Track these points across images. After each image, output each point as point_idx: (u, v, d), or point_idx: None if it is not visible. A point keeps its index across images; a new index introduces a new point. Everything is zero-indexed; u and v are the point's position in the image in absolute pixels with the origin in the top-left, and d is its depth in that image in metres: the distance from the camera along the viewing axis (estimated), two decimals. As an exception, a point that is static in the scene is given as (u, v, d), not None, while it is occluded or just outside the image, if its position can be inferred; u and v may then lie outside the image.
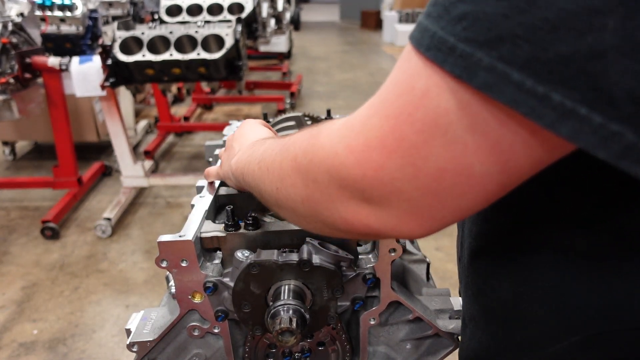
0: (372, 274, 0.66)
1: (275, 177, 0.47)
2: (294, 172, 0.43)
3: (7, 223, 2.90)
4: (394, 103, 0.35)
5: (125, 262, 2.52)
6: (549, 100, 0.28)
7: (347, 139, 0.37)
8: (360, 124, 0.37)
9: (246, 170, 0.56)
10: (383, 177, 0.35)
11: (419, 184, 0.34)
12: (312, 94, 5.60)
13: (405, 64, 0.35)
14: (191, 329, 0.69)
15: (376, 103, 0.37)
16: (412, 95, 0.33)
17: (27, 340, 2.01)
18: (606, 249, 0.41)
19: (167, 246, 0.63)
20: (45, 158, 3.74)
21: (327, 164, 0.39)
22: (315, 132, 0.42)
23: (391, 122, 0.34)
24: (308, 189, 0.42)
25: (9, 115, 2.41)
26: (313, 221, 0.44)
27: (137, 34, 2.40)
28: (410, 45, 0.35)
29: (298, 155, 0.43)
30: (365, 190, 0.37)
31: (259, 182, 0.51)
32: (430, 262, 0.85)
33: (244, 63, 2.52)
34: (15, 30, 2.46)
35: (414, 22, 9.15)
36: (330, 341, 0.73)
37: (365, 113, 0.37)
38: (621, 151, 0.28)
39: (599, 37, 0.26)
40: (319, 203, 0.41)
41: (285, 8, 4.59)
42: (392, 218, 0.37)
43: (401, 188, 0.35)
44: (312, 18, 12.92)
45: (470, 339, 0.59)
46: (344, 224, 0.40)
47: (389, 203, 0.36)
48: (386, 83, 0.37)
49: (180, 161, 3.83)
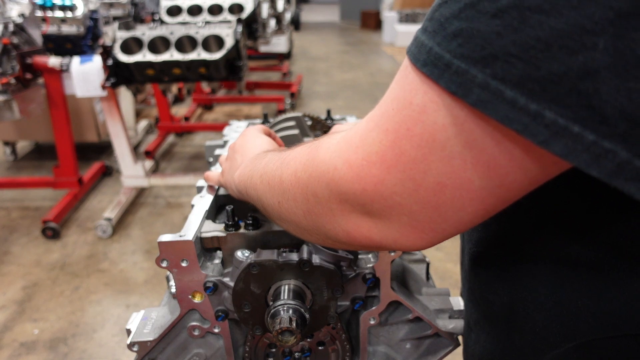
0: (371, 274, 0.66)
1: (276, 191, 0.48)
2: (294, 187, 0.44)
3: (8, 223, 2.90)
4: (393, 118, 0.35)
5: (126, 262, 2.52)
6: (542, 118, 0.28)
7: (346, 153, 0.38)
8: (359, 139, 0.37)
9: (249, 184, 0.57)
10: (383, 191, 0.36)
11: (419, 197, 0.35)
12: (312, 94, 5.60)
13: (403, 78, 0.35)
14: (191, 328, 0.70)
15: (375, 117, 0.37)
16: (410, 111, 0.34)
17: (28, 340, 2.01)
18: (603, 258, 0.41)
19: (167, 246, 0.64)
20: (45, 158, 3.75)
21: (327, 178, 0.39)
22: (314, 146, 0.43)
23: (390, 137, 0.35)
24: (309, 202, 0.42)
25: (10, 115, 2.41)
26: (315, 234, 0.45)
27: (137, 35, 2.40)
28: (408, 59, 0.35)
29: (298, 169, 0.43)
30: (365, 204, 0.37)
31: (262, 196, 0.52)
32: (430, 262, 0.85)
33: (244, 63, 2.52)
34: (16, 30, 2.47)
35: (414, 22, 9.16)
36: (330, 341, 0.73)
37: (364, 127, 0.38)
38: (614, 169, 0.28)
39: (590, 56, 0.26)
40: (320, 216, 0.42)
41: (285, 8, 4.59)
42: (393, 231, 0.38)
43: (401, 202, 0.35)
44: (312, 18, 12.92)
45: (475, 343, 0.59)
46: (346, 237, 0.41)
47: (389, 216, 0.37)
48: (385, 97, 0.37)
49: (180, 161, 3.83)
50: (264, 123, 1.09)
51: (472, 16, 0.30)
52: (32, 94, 2.57)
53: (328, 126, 1.06)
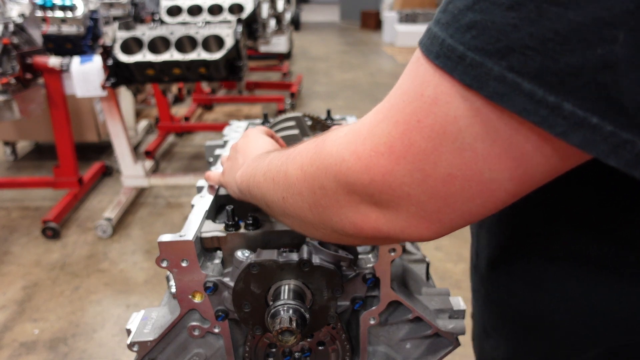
0: (372, 274, 0.66)
1: (281, 186, 0.48)
2: (300, 181, 0.44)
3: (8, 223, 2.90)
4: (404, 110, 0.35)
5: (126, 262, 2.52)
6: (560, 110, 0.28)
7: (354, 145, 0.38)
8: (368, 130, 0.37)
9: (251, 183, 0.57)
10: (391, 182, 0.36)
11: (428, 188, 0.35)
12: (312, 94, 5.60)
13: (414, 70, 0.35)
14: (191, 328, 0.70)
15: (384, 109, 0.37)
16: (421, 102, 0.34)
17: (28, 340, 2.01)
18: (624, 257, 0.41)
19: (167, 246, 0.63)
20: (46, 158, 3.75)
21: (334, 170, 0.39)
22: (320, 140, 0.43)
23: (400, 128, 0.35)
24: (315, 195, 0.42)
25: (10, 115, 2.41)
26: (321, 228, 0.45)
27: (137, 35, 2.40)
28: (420, 51, 0.35)
29: (304, 163, 0.43)
30: (373, 195, 0.37)
31: (265, 193, 0.52)
32: (430, 262, 0.85)
33: (244, 63, 2.52)
34: (16, 30, 2.47)
35: (414, 22, 9.16)
36: (330, 341, 0.73)
37: (372, 119, 0.38)
38: (633, 159, 0.28)
39: (609, 48, 0.26)
40: (326, 209, 0.42)
41: (285, 8, 4.59)
42: (401, 221, 0.38)
43: (410, 192, 0.35)
44: (312, 18, 12.92)
45: (494, 349, 0.59)
46: (353, 228, 0.41)
47: (397, 206, 0.37)
48: (394, 89, 0.37)
49: (180, 161, 3.83)
50: (264, 123, 1.09)
51: (486, 8, 0.30)
52: (32, 94, 2.58)
53: (328, 126, 1.06)
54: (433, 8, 9.49)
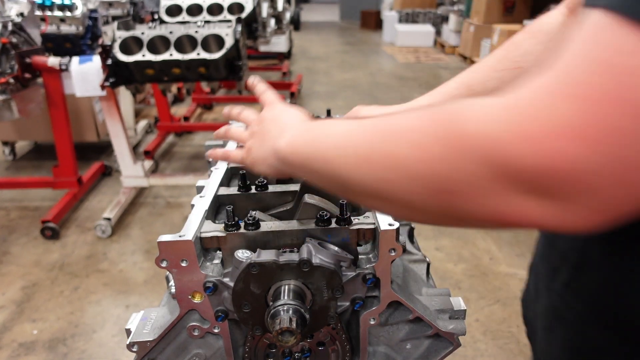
0: (372, 274, 0.66)
1: (379, 166, 0.40)
2: (420, 163, 0.37)
3: (7, 223, 2.90)
4: (593, 84, 0.30)
5: (125, 262, 2.52)
6: None
7: (517, 124, 0.32)
8: (537, 108, 0.31)
9: (312, 156, 0.49)
10: (578, 170, 0.30)
11: (625, 180, 0.30)
12: (312, 94, 5.60)
13: (603, 37, 0.30)
14: (191, 329, 0.69)
15: (560, 83, 0.31)
16: (622, 75, 0.29)
17: (27, 340, 2.01)
18: None
19: (167, 246, 0.63)
20: (45, 158, 3.74)
21: (485, 154, 0.33)
22: (446, 116, 0.36)
23: (589, 106, 0.29)
24: (446, 181, 0.36)
25: (9, 115, 2.41)
26: (438, 214, 0.39)
27: (137, 34, 2.40)
28: (612, 15, 0.30)
29: (427, 143, 0.37)
30: (543, 184, 0.32)
31: (343, 170, 0.44)
32: (430, 262, 0.85)
33: (244, 63, 2.52)
34: (15, 30, 2.46)
35: (414, 22, 9.16)
36: (330, 341, 0.73)
37: (541, 95, 0.32)
38: None
39: None
40: (459, 196, 0.36)
41: (285, 8, 4.59)
42: (569, 214, 0.32)
43: (599, 183, 0.30)
44: (312, 18, 12.92)
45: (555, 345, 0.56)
46: (493, 217, 0.35)
47: (574, 199, 0.31)
48: (570, 61, 0.32)
49: (180, 161, 3.83)
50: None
51: None
52: (31, 94, 2.57)
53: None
54: (433, 8, 9.49)
